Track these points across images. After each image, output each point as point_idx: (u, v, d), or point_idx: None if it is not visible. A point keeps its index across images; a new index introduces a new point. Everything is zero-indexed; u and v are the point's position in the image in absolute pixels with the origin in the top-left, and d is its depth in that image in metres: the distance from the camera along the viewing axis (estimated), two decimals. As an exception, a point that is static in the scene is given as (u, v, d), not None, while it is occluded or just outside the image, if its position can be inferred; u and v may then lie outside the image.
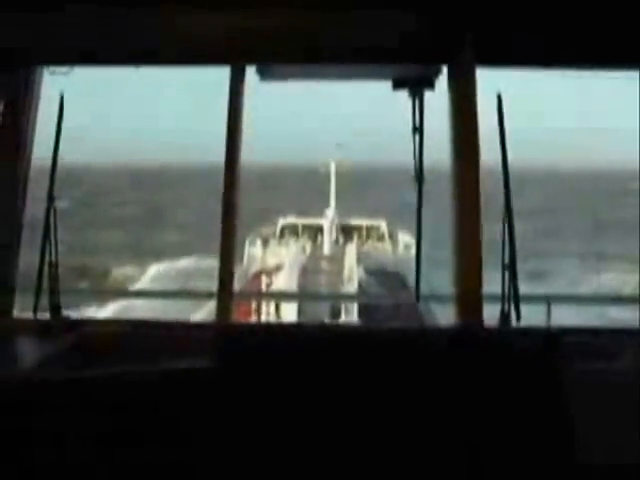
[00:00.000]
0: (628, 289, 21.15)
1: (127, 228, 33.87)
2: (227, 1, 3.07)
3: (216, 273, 3.36)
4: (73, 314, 3.52)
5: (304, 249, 22.91)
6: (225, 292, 3.28)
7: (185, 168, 50.96)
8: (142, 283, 26.09)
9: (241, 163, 3.39)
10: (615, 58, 3.19)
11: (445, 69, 3.29)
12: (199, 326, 3.40)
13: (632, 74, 3.30)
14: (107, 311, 16.95)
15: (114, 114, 78.35)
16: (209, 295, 4.03)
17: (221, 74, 3.37)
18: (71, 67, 3.32)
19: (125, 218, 36.23)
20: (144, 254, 29.18)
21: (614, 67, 3.29)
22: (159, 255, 28.78)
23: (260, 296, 14.35)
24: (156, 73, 3.66)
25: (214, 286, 3.38)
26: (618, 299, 12.60)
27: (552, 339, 2.47)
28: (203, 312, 13.58)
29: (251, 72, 3.42)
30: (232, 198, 3.35)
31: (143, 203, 40.97)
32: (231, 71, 3.35)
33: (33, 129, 3.47)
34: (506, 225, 3.10)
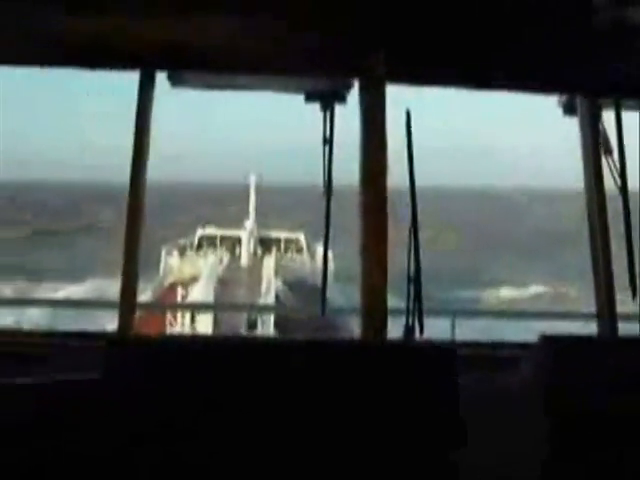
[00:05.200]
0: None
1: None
2: (140, 7, 3.00)
3: None
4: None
5: (222, 260, 22.68)
6: (126, 302, 3.18)
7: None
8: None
9: (147, 172, 3.30)
10: (523, 83, 3.31)
11: (357, 84, 3.32)
12: (96, 336, 3.27)
13: None
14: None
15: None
16: (114, 305, 3.90)
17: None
18: None
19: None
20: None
21: (523, 91, 3.42)
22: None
23: (167, 307, 14.02)
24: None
25: None
26: (520, 314, 13.05)
27: (450, 352, 2.51)
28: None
29: (162, 78, 3.33)
30: (137, 206, 3.26)
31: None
32: (140, 76, 3.25)
33: None
34: (412, 239, 3.15)
